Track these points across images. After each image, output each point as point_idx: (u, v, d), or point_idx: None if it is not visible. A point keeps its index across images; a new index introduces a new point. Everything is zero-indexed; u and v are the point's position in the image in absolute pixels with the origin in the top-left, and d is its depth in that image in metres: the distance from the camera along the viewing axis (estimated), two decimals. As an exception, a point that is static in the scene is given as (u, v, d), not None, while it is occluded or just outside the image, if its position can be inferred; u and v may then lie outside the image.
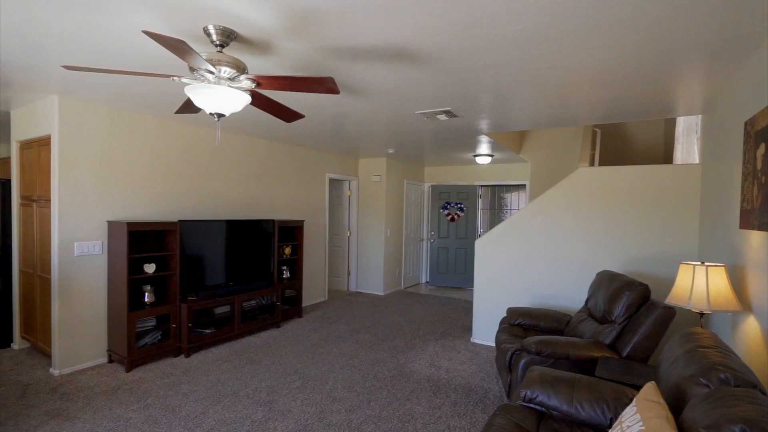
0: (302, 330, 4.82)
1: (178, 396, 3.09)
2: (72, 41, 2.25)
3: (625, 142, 6.26)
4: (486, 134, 4.76)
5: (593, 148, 5.45)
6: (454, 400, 3.10)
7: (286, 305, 5.22)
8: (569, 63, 2.44)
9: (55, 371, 3.47)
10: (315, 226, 6.21)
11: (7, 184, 4.10)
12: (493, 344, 4.38)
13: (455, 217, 7.79)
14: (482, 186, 7.94)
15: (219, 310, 4.43)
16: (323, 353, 4.06)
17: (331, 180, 6.80)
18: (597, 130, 5.65)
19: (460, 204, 7.74)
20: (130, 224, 3.54)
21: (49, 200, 3.55)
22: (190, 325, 3.92)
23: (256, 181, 5.19)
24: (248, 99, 1.96)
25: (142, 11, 1.87)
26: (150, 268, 3.77)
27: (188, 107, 2.31)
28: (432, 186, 8.01)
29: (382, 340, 4.51)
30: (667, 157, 5.91)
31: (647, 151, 6.12)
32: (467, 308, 6.04)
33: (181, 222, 3.95)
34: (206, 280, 4.22)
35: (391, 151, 6.13)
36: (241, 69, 1.91)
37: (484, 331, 4.47)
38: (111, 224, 3.69)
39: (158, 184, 4.12)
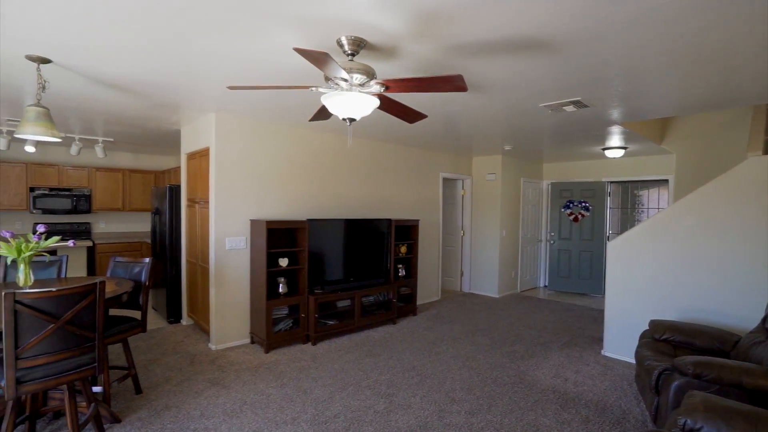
0: (417, 328, 4.89)
1: (308, 380, 3.39)
2: (228, 65, 2.62)
3: (814, 124, 4.99)
4: (619, 124, 4.24)
5: None
6: (585, 417, 2.83)
7: (401, 302, 5.35)
8: (734, 33, 2.03)
9: (212, 346, 4.09)
10: (428, 225, 6.26)
11: (177, 189, 4.97)
12: (630, 359, 3.89)
13: (579, 216, 7.12)
14: (612, 182, 7.10)
15: (340, 304, 4.75)
16: (439, 352, 4.05)
17: (445, 179, 6.77)
18: (771, 110, 4.60)
19: (585, 203, 7.04)
20: (268, 222, 3.99)
21: (207, 202, 4.19)
22: (316, 315, 4.27)
23: (373, 181, 5.43)
24: (377, 102, 2.06)
25: (285, 32, 2.08)
26: (283, 262, 4.20)
27: (321, 114, 2.51)
28: (552, 183, 7.44)
29: (500, 344, 4.33)
30: None
31: None
32: (595, 317, 5.46)
33: (310, 221, 4.32)
34: (329, 275, 4.54)
35: (507, 147, 5.86)
36: (370, 75, 2.01)
37: (618, 344, 3.98)
38: (253, 222, 4.21)
39: (289, 186, 4.58)
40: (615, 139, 5.12)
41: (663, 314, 3.71)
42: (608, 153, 5.81)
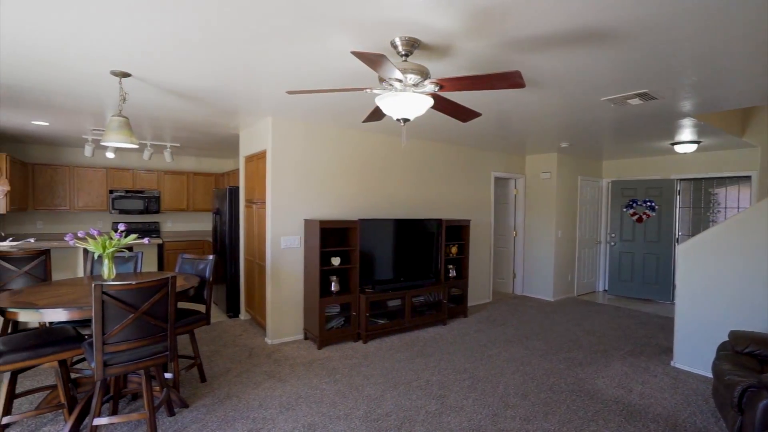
0: (468, 330, 4.81)
1: (360, 377, 3.44)
2: (284, 70, 2.72)
3: None
4: (692, 116, 3.91)
5: None
6: (653, 432, 2.64)
7: (452, 303, 5.29)
8: None
9: (268, 340, 4.27)
10: (480, 225, 6.13)
11: (236, 190, 5.24)
12: (705, 373, 3.57)
13: (643, 217, 6.65)
14: (682, 180, 6.57)
15: (391, 303, 4.77)
16: (492, 355, 3.96)
17: (496, 179, 6.60)
18: None
19: (650, 201, 6.57)
20: (321, 222, 4.10)
21: (264, 202, 4.39)
22: (367, 314, 4.32)
23: (423, 181, 5.41)
24: (431, 102, 2.05)
25: (340, 35, 2.13)
26: (336, 261, 4.30)
27: (375, 115, 2.54)
28: (612, 182, 7.02)
29: (556, 349, 4.15)
30: None
31: None
32: (663, 325, 5.07)
33: (361, 221, 4.38)
34: (380, 275, 4.58)
35: (564, 145, 5.60)
36: (424, 74, 2.01)
37: (691, 355, 3.67)
38: (307, 222, 4.35)
39: (341, 187, 4.67)
40: (686, 132, 4.74)
41: (745, 324, 3.38)
42: (678, 148, 5.37)
